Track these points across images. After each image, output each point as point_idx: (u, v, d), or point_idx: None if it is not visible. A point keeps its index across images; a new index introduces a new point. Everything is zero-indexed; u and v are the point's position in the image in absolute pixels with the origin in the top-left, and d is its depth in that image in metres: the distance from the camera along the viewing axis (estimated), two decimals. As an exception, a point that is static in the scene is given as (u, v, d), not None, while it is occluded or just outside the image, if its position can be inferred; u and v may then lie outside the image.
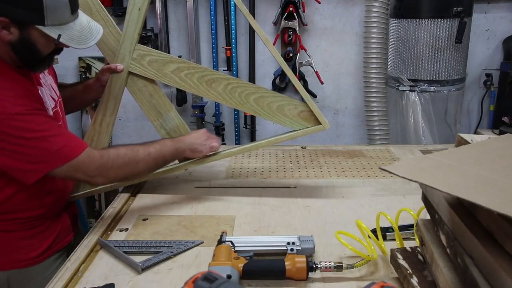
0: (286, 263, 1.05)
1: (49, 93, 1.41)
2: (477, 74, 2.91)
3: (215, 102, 2.95)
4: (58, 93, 1.48)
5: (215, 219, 1.37)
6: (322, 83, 2.86)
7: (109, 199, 2.49)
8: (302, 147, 2.04)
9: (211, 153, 1.52)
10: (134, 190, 1.60)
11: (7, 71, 1.24)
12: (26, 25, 1.18)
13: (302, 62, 2.82)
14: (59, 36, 1.19)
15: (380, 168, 0.77)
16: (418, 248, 1.03)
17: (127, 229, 1.33)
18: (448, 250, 0.85)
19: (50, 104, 1.39)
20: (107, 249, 1.21)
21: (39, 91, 1.33)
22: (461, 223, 0.77)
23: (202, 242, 1.24)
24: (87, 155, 1.26)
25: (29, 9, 1.15)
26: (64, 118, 1.49)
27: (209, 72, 1.49)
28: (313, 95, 2.93)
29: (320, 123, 1.50)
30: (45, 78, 1.42)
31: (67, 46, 1.24)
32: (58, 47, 1.26)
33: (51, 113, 1.38)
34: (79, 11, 1.27)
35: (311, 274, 1.05)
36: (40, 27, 1.17)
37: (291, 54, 2.78)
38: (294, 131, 1.52)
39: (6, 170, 1.22)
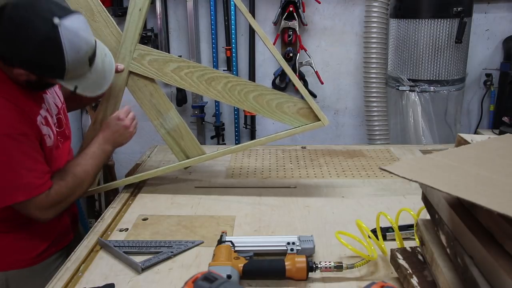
0: (286, 263, 1.05)
1: (52, 100, 1.40)
2: (477, 74, 2.91)
3: (215, 102, 2.95)
4: (62, 99, 1.48)
5: (215, 219, 1.37)
6: (322, 83, 2.86)
7: (109, 199, 2.49)
8: (302, 147, 2.04)
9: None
10: (134, 190, 1.60)
11: (4, 84, 1.22)
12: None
13: (302, 62, 2.82)
14: (76, 87, 1.22)
15: (380, 168, 0.77)
16: (418, 248, 1.03)
17: (127, 229, 1.33)
18: (448, 250, 0.85)
19: (53, 111, 1.39)
20: (107, 249, 1.21)
21: (44, 98, 1.34)
22: (461, 223, 0.77)
23: (202, 242, 1.24)
24: (45, 194, 1.26)
25: (51, 71, 1.18)
26: (67, 124, 1.48)
27: (209, 71, 1.50)
28: (313, 95, 2.93)
29: (319, 120, 1.50)
30: None
31: None
32: None
33: (54, 120, 1.37)
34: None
35: (311, 274, 1.05)
36: (58, 80, 1.21)
37: (291, 54, 2.78)
38: (293, 128, 1.52)
39: None
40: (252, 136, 3.04)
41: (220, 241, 1.14)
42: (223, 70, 2.93)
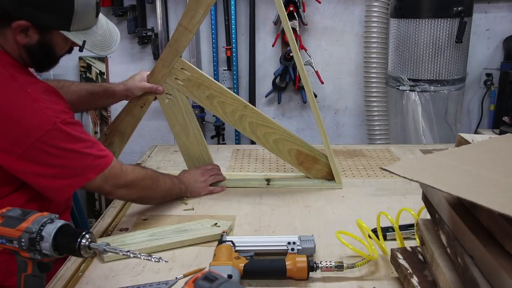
0: (287, 263, 1.05)
1: None
2: (477, 74, 2.91)
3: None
4: None
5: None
6: (322, 82, 2.86)
7: (109, 199, 2.49)
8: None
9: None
10: (135, 190, 1.60)
11: (28, 72, 1.16)
12: (48, 29, 1.12)
13: (302, 62, 2.82)
14: (84, 42, 1.15)
15: (380, 168, 0.77)
16: (418, 248, 1.03)
17: (127, 229, 1.33)
18: (448, 249, 0.85)
19: None
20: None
21: None
22: (462, 223, 0.77)
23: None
24: (120, 167, 1.23)
25: (58, 14, 1.09)
26: None
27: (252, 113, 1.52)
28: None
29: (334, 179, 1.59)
30: None
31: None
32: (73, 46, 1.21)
33: None
34: None
35: (311, 274, 1.05)
36: (65, 33, 1.12)
37: (291, 54, 2.78)
38: (308, 178, 1.62)
39: (37, 189, 1.14)
40: (252, 136, 3.04)
41: (221, 241, 1.14)
42: (224, 70, 2.93)
